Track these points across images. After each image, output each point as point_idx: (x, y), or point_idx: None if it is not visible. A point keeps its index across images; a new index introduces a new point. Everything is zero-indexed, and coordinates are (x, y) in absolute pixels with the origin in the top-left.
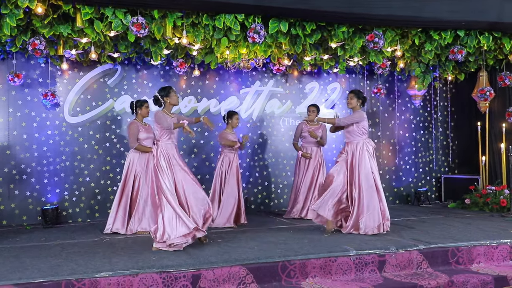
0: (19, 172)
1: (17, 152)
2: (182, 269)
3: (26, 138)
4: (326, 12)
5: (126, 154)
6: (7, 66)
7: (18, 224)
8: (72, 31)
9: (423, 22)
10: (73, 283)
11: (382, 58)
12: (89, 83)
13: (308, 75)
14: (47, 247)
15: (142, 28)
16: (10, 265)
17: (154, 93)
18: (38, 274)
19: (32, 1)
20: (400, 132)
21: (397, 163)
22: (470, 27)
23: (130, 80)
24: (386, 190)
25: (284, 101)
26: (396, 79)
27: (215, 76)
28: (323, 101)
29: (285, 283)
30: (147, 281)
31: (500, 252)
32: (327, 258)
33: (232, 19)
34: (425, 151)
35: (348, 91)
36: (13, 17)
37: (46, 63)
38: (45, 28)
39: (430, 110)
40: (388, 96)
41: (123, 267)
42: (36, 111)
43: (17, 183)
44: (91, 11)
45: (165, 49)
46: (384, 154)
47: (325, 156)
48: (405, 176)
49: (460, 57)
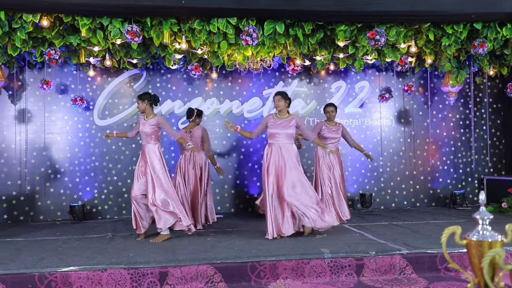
0: (54, 171)
1: (52, 153)
2: (150, 265)
3: (59, 140)
4: (315, 12)
5: None
6: (43, 75)
7: (53, 219)
8: (81, 40)
9: (423, 16)
10: (46, 275)
11: (399, 55)
12: (116, 88)
13: (334, 74)
14: (50, 241)
15: (136, 36)
16: (3, 256)
17: (177, 96)
18: (19, 266)
19: (35, 16)
20: (437, 131)
21: (433, 163)
22: (484, 19)
23: (155, 84)
24: (421, 192)
25: (308, 101)
26: (431, 76)
27: (238, 78)
28: (350, 100)
29: (255, 283)
30: (115, 276)
31: None
32: (300, 260)
33: (225, 23)
34: (466, 151)
35: (276, 93)
36: (23, 30)
37: (77, 70)
38: (57, 39)
39: (471, 107)
40: (423, 93)
41: (97, 262)
42: (68, 115)
43: (52, 182)
44: (89, 22)
45: (177, 54)
46: (419, 154)
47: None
48: (442, 177)
49: (482, 51)
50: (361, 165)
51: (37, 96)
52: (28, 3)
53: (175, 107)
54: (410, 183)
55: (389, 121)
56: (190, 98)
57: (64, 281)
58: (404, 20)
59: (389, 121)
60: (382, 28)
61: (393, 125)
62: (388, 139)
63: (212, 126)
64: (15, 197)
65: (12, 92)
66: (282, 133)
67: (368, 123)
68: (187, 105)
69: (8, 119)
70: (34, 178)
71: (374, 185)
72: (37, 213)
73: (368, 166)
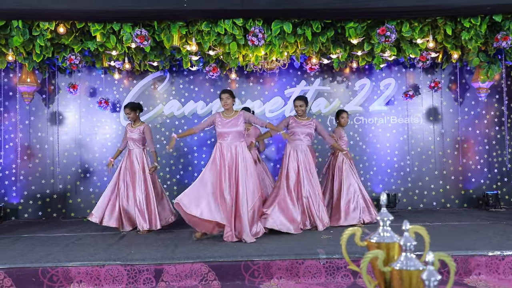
0: (84, 170)
1: (82, 153)
2: (145, 263)
3: (88, 141)
4: (317, 10)
5: (174, 155)
6: (74, 79)
7: (83, 217)
8: (98, 45)
9: (433, 11)
10: (48, 270)
11: (419, 51)
12: (141, 90)
13: (358, 72)
14: (66, 238)
15: (145, 40)
16: (17, 251)
17: (200, 97)
18: (26, 260)
19: (51, 23)
20: (469, 128)
21: (464, 162)
22: (503, 11)
23: (178, 86)
24: (452, 192)
25: (331, 99)
26: (462, 71)
27: (259, 78)
28: (375, 98)
29: (248, 282)
30: (113, 272)
31: (507, 264)
32: (294, 260)
33: (231, 24)
34: (501, 150)
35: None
36: (42, 38)
37: (104, 74)
38: (76, 44)
39: (506, 103)
40: (453, 89)
41: (96, 258)
42: (97, 117)
43: (82, 180)
44: (100, 27)
45: (193, 56)
46: (449, 153)
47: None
48: (475, 177)
49: (506, 44)
50: (387, 165)
51: (68, 99)
52: (40, 13)
53: (198, 108)
54: (439, 183)
55: (417, 119)
56: (212, 98)
57: (65, 275)
58: (412, 15)
59: (417, 119)
60: (392, 24)
61: (421, 123)
62: (415, 137)
63: None
64: (49, 195)
65: (45, 95)
66: (231, 132)
67: (394, 121)
68: (209, 106)
69: (42, 122)
70: (65, 177)
71: (400, 185)
72: (68, 210)
73: (394, 166)
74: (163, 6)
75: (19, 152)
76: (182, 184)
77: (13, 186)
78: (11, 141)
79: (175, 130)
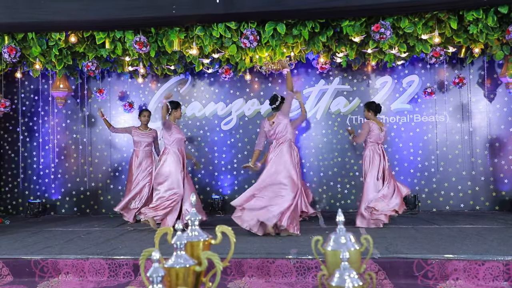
0: (113, 169)
1: (112, 153)
2: (125, 257)
3: (117, 142)
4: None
5: (196, 155)
6: (104, 84)
7: (112, 213)
8: (109, 52)
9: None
10: (39, 261)
11: (429, 46)
12: (165, 93)
13: (378, 70)
14: (76, 232)
15: (144, 46)
16: (24, 243)
17: (220, 98)
18: (25, 252)
19: (62, 34)
20: (501, 126)
21: (496, 162)
22: (506, 2)
23: (199, 88)
24: (482, 194)
25: (351, 98)
26: (494, 66)
27: (278, 78)
28: (397, 96)
29: (220, 279)
30: (95, 265)
31: (488, 270)
32: (265, 259)
33: (223, 27)
34: None
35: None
36: (56, 47)
37: (131, 78)
38: (91, 52)
39: None
40: (483, 85)
41: (83, 252)
42: (125, 119)
43: (112, 179)
44: (104, 36)
45: (205, 59)
46: (478, 152)
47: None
48: (508, 178)
49: None
50: (410, 165)
51: (100, 103)
52: (42, 25)
53: (218, 109)
54: (468, 184)
55: (443, 117)
56: (232, 99)
57: (54, 267)
58: (405, 11)
59: (443, 117)
60: (388, 21)
61: (447, 121)
62: (441, 136)
63: (253, 127)
64: (83, 192)
65: (79, 100)
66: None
67: (417, 120)
68: (229, 107)
69: (77, 124)
70: (97, 176)
71: (424, 186)
72: (99, 207)
73: (417, 166)
74: (152, 13)
75: (57, 152)
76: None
77: (52, 183)
78: (50, 143)
79: (196, 130)
